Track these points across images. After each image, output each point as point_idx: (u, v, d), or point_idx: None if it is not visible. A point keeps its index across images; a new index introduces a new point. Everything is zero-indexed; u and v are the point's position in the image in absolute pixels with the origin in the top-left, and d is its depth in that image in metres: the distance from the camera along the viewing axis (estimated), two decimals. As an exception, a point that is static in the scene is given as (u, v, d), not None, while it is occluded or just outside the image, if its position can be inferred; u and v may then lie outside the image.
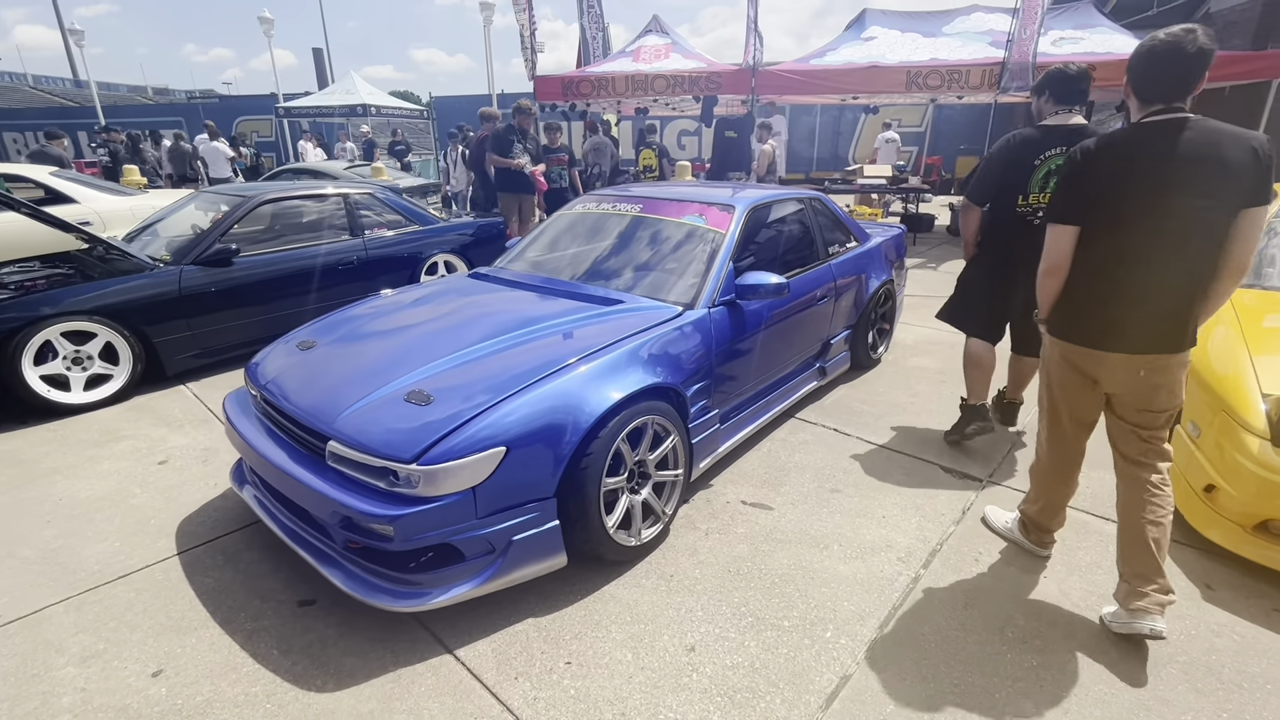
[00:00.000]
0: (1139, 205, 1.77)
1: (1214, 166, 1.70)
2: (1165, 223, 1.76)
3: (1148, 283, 1.82)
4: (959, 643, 1.96)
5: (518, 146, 6.36)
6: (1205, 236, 1.76)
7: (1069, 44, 7.96)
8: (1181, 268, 1.79)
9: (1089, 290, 1.91)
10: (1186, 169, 1.71)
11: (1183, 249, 1.77)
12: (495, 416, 1.94)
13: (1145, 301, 1.84)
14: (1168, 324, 1.84)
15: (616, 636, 2.00)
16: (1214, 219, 1.75)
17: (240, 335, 4.28)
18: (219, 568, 2.33)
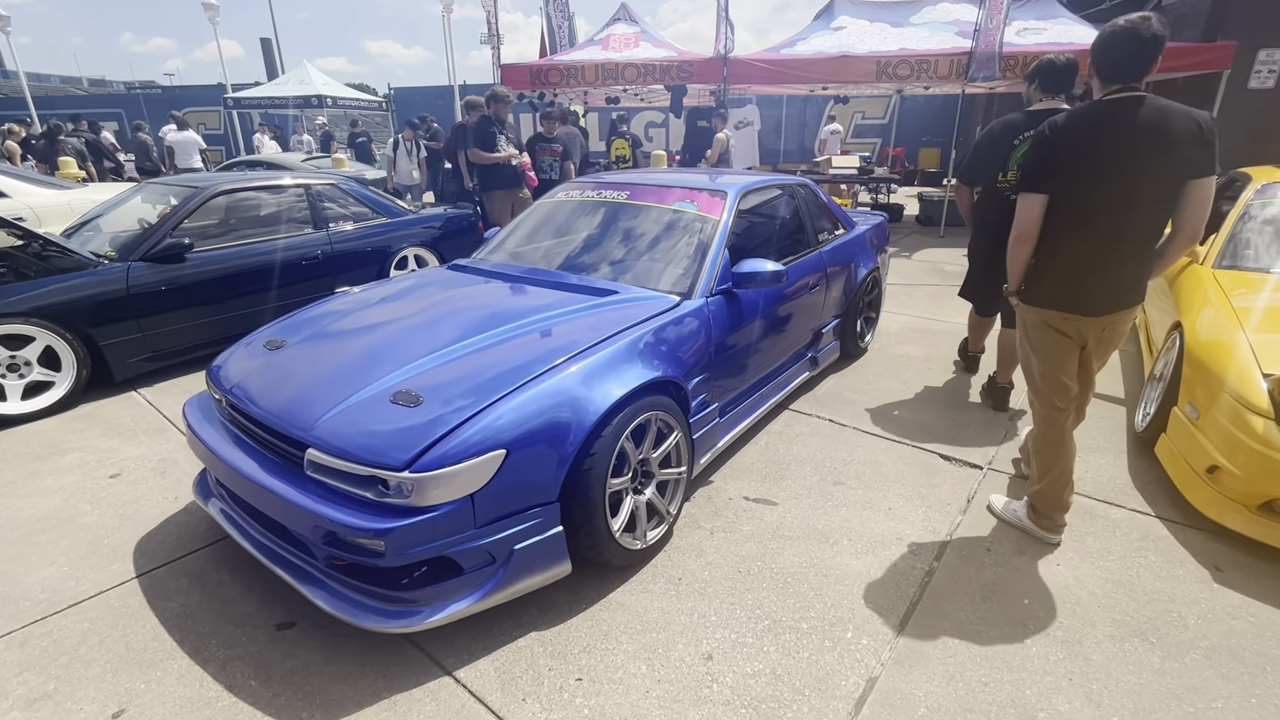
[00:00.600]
0: (1100, 174, 1.94)
1: (1162, 139, 1.87)
2: (1122, 190, 1.94)
3: (1108, 248, 2.00)
4: (982, 638, 1.90)
5: (501, 138, 5.73)
6: (1156, 204, 1.95)
7: (1032, 34, 8.08)
8: (1137, 233, 1.99)
9: (1057, 257, 2.08)
10: (1140, 141, 1.89)
11: (1138, 215, 1.96)
12: (492, 417, 1.79)
13: (1107, 265, 2.02)
14: (1126, 285, 2.05)
15: (628, 648, 1.87)
16: (1163, 188, 1.93)
17: (196, 336, 3.99)
18: (184, 591, 2.12)
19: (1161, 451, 2.70)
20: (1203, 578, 2.14)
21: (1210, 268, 3.16)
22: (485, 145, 5.67)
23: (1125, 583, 2.12)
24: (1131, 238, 1.99)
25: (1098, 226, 1.99)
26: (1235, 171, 4.02)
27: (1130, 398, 3.51)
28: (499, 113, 5.77)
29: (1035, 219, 2.05)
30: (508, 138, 5.78)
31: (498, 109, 5.76)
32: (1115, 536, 2.36)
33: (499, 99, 5.78)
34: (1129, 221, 1.97)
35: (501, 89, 5.87)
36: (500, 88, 5.92)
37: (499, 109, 5.76)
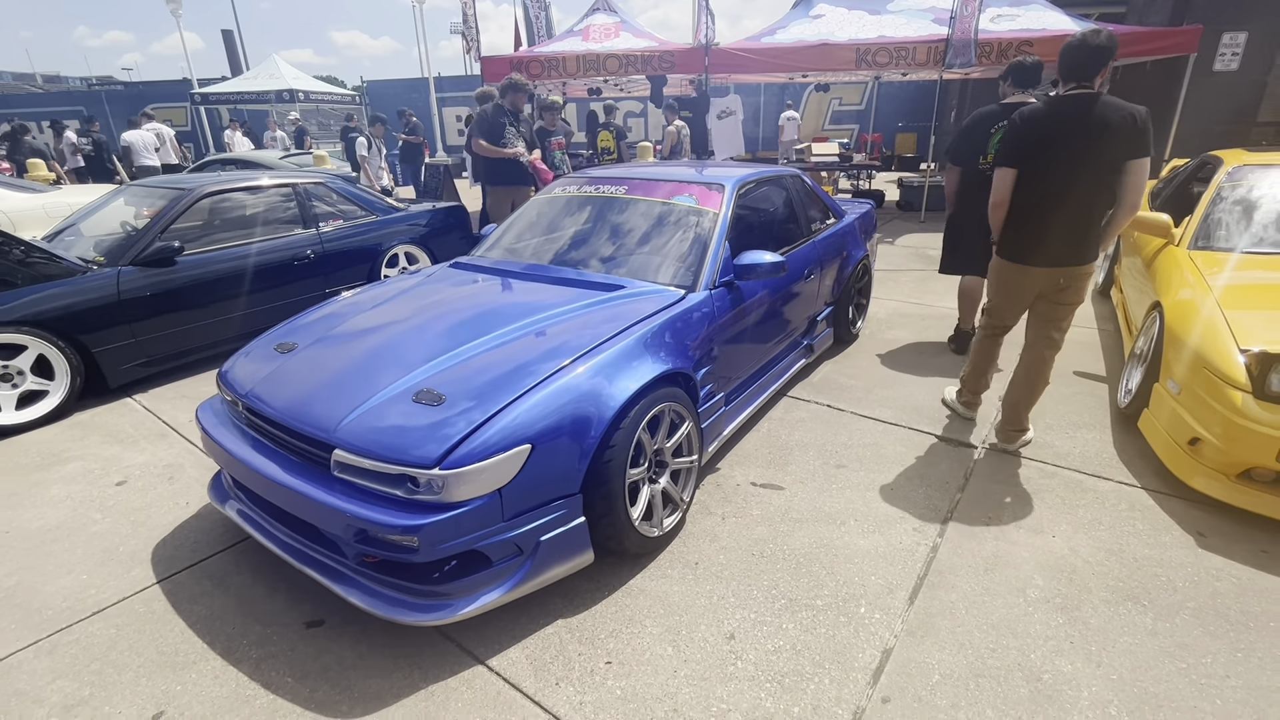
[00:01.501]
0: (1056, 154, 2.46)
1: (1105, 127, 2.35)
2: (1073, 168, 2.44)
3: (1061, 214, 2.51)
4: (987, 607, 2.00)
5: (511, 131, 5.28)
6: (1098, 179, 2.43)
7: (1006, 21, 8.22)
8: (1084, 202, 2.48)
9: (1023, 221, 2.61)
10: (1089, 129, 2.38)
11: (1084, 188, 2.45)
12: (516, 413, 1.83)
13: (1060, 229, 2.53)
14: (1076, 245, 2.54)
15: (653, 630, 1.94)
16: (1104, 166, 2.40)
17: (189, 340, 3.95)
18: (208, 594, 2.15)
19: (1144, 426, 2.84)
20: (1187, 543, 2.28)
21: (1186, 249, 3.30)
22: (492, 137, 5.28)
23: (1116, 550, 2.24)
24: (1080, 207, 2.48)
25: (1052, 197, 2.50)
26: (1207, 155, 4.17)
27: (1112, 376, 3.65)
28: (515, 103, 5.31)
29: (1007, 189, 2.61)
30: (519, 131, 5.36)
31: (514, 99, 5.29)
32: (1104, 508, 2.49)
33: (516, 88, 5.27)
34: (1078, 194, 2.46)
35: (518, 76, 5.36)
36: (517, 75, 5.42)
37: (515, 99, 5.29)
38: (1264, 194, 3.42)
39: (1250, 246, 3.20)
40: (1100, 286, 5.18)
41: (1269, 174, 3.50)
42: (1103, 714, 1.64)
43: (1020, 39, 7.75)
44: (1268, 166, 3.56)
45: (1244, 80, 8.11)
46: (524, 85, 5.33)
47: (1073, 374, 3.70)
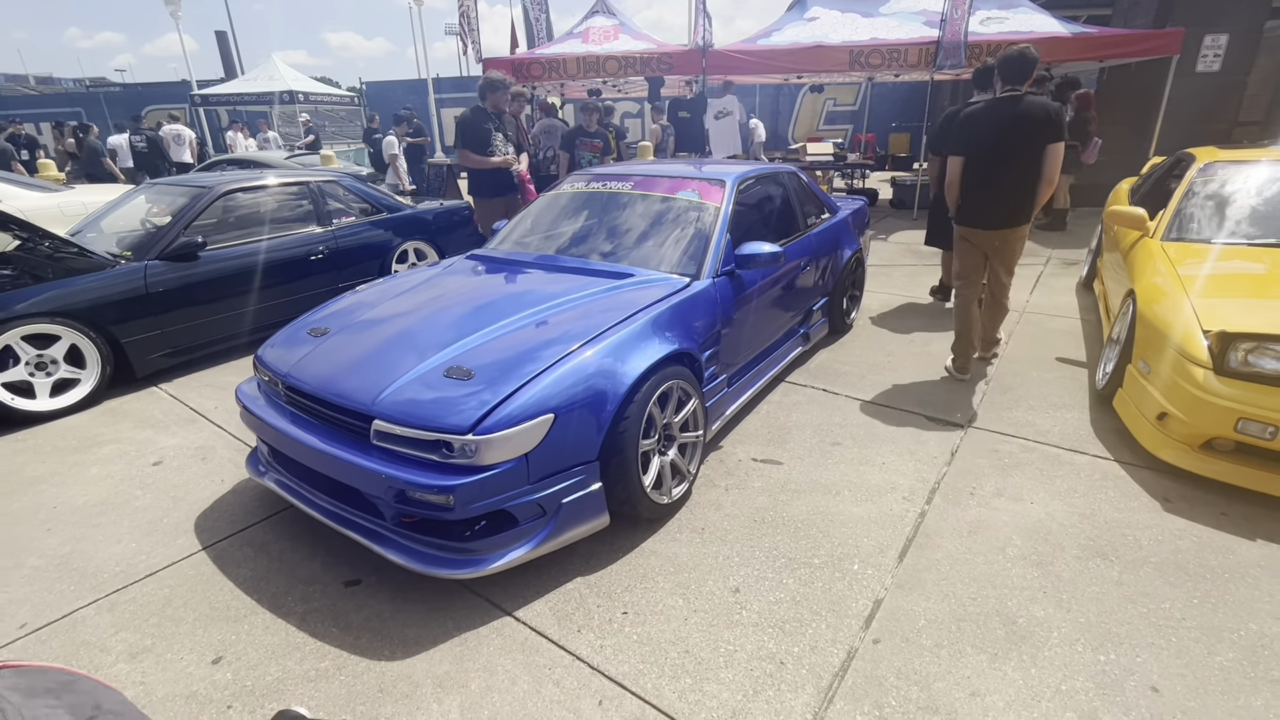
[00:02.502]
0: (992, 142, 3.26)
1: (1028, 119, 3.16)
2: (1004, 152, 3.23)
3: (997, 188, 3.30)
4: (969, 564, 2.19)
5: (498, 137, 4.81)
6: (1025, 159, 3.20)
7: (995, 23, 8.44)
8: (1014, 179, 3.25)
9: (969, 195, 3.42)
10: (1015, 121, 3.18)
11: (1014, 167, 3.23)
12: (540, 386, 2.02)
13: (995, 200, 3.32)
14: (1007, 212, 3.32)
15: (664, 586, 2.13)
16: (1030, 150, 3.18)
17: (211, 332, 4.12)
18: (251, 559, 2.32)
19: (1118, 404, 3.04)
20: (1154, 508, 2.47)
21: (1159, 240, 3.50)
22: (478, 146, 4.75)
23: (1088, 514, 2.44)
24: (1011, 182, 3.27)
25: (990, 175, 3.31)
26: (1181, 152, 4.38)
27: (1092, 361, 3.86)
28: (496, 104, 4.80)
29: (958, 172, 3.44)
30: (506, 136, 4.91)
31: (494, 100, 4.77)
32: (1079, 478, 2.68)
33: (494, 86, 4.73)
34: (1009, 172, 3.26)
35: (496, 74, 4.87)
36: (494, 73, 4.91)
37: (496, 100, 4.77)
38: (1233, 189, 3.63)
39: (1218, 237, 3.40)
40: (1084, 279, 5.39)
41: (1238, 170, 3.71)
42: (1070, 650, 1.83)
43: (1009, 40, 7.94)
44: (1237, 163, 3.77)
45: (1225, 80, 8.35)
46: (504, 83, 4.81)
47: (1055, 360, 3.90)
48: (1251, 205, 3.52)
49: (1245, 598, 2.01)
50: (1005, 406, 3.33)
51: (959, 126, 3.41)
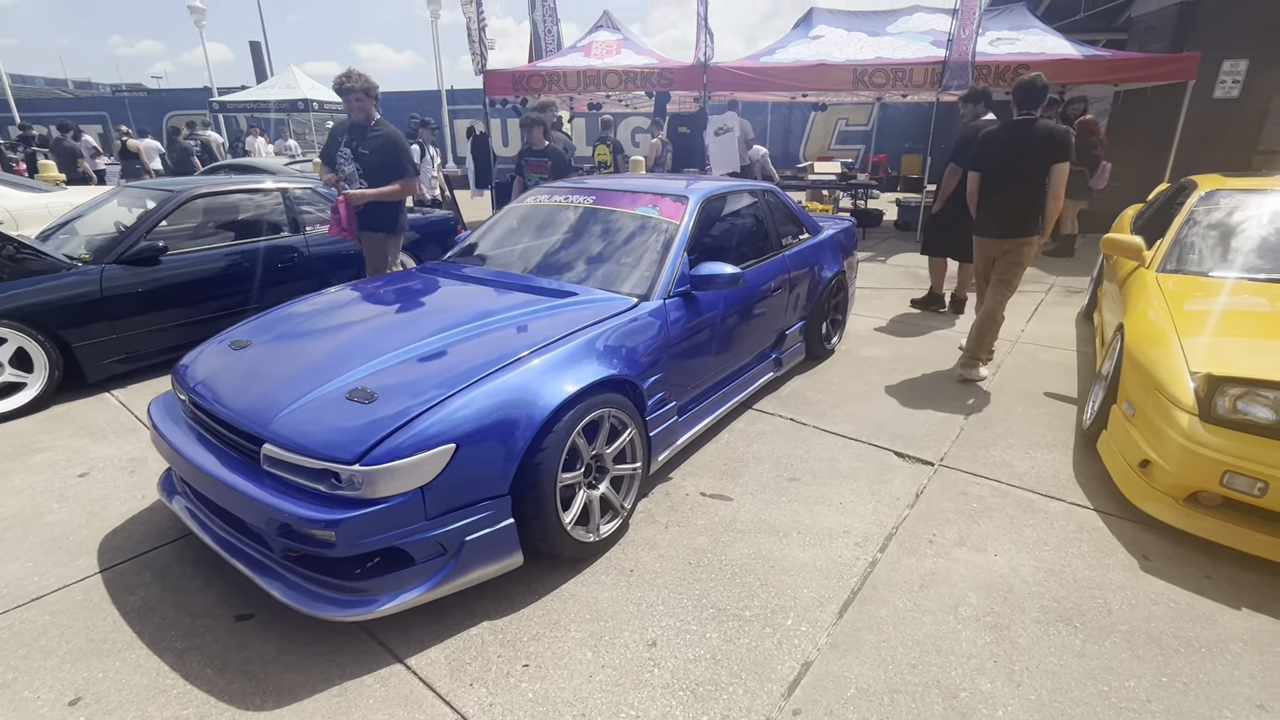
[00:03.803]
0: (1004, 160, 3.64)
1: (1039, 141, 3.50)
2: (1015, 169, 3.59)
3: (1007, 201, 3.66)
4: (915, 624, 1.98)
5: (344, 154, 3.84)
6: (1035, 177, 3.55)
7: (1005, 44, 8.26)
8: (1023, 193, 3.60)
9: (983, 206, 3.82)
10: (1029, 142, 3.53)
11: (1024, 183, 3.59)
12: (444, 413, 1.86)
13: (1006, 211, 3.67)
14: (1015, 224, 3.65)
15: (576, 635, 1.94)
16: (1038, 168, 3.52)
17: (170, 338, 4.02)
18: (146, 585, 2.17)
19: (1102, 447, 2.81)
20: (1131, 566, 2.24)
21: (1155, 271, 3.28)
22: (327, 159, 4.00)
23: (1057, 571, 2.22)
24: (1021, 196, 3.60)
25: (1002, 190, 3.68)
26: (1184, 180, 4.16)
27: (1082, 397, 3.62)
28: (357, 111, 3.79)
29: (976, 185, 3.86)
30: (358, 151, 3.83)
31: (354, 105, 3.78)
32: (1053, 528, 2.46)
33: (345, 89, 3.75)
34: (1019, 187, 3.60)
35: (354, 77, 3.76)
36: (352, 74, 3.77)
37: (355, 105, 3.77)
38: (1236, 218, 3.40)
39: (1218, 271, 3.18)
40: (1085, 309, 5.14)
41: (1243, 199, 3.49)
42: (1013, 734, 1.61)
43: (1019, 62, 7.77)
44: (1242, 191, 3.54)
45: (1245, 107, 8.06)
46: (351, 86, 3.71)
47: (1044, 395, 3.67)
48: (1256, 237, 3.29)
49: (1222, 678, 1.78)
50: (983, 444, 3.11)
51: (977, 145, 3.83)
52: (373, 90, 3.86)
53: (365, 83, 3.80)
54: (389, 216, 3.98)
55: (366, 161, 3.88)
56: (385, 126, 3.91)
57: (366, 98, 3.82)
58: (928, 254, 5.31)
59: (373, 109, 3.89)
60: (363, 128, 3.88)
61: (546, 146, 5.44)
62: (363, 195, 3.81)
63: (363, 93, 3.80)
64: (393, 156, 3.88)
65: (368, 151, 3.86)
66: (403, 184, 3.92)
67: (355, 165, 3.91)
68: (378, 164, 3.87)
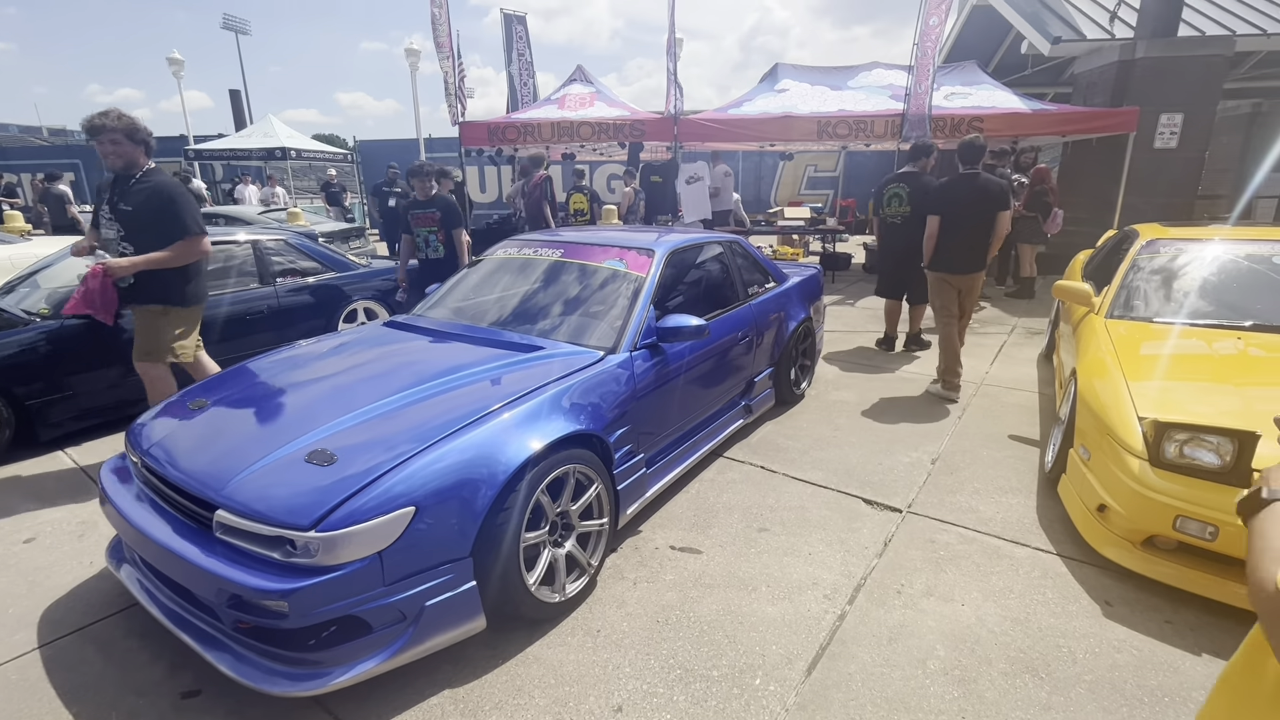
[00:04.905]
0: (958, 207, 4.26)
1: (984, 193, 4.20)
2: (966, 216, 4.23)
3: (961, 243, 4.27)
4: (884, 680, 1.97)
5: (104, 211, 3.13)
6: (982, 222, 4.21)
7: (959, 98, 8.71)
8: (974, 237, 4.25)
9: (941, 246, 4.35)
10: (973, 194, 4.22)
11: (975, 227, 4.23)
12: (402, 475, 1.84)
13: (961, 250, 4.28)
14: (970, 260, 4.31)
15: (540, 702, 1.89)
16: (985, 215, 4.19)
17: (130, 394, 3.91)
18: (88, 660, 2.07)
19: (1062, 491, 2.87)
20: (1093, 612, 2.26)
21: (1103, 317, 3.41)
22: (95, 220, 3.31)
23: (1022, 620, 2.23)
24: (972, 238, 4.24)
25: (957, 232, 4.27)
26: (1126, 229, 4.38)
27: (1045, 440, 3.70)
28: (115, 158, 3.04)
29: (935, 228, 4.36)
30: (116, 209, 3.07)
31: (108, 150, 3.02)
32: (1018, 575, 2.48)
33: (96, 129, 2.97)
34: (970, 230, 4.24)
35: (101, 114, 2.97)
36: (98, 114, 2.97)
37: (108, 150, 3.02)
38: (1176, 266, 3.58)
39: (1160, 316, 3.32)
40: (1045, 350, 5.30)
41: (1181, 247, 3.67)
42: (982, 795, 1.59)
43: (972, 115, 8.19)
44: (1181, 240, 3.73)
45: (1183, 156, 8.55)
46: (104, 125, 2.95)
47: (1008, 438, 3.75)
48: (1196, 283, 3.45)
49: (1186, 728, 1.79)
50: (949, 489, 3.15)
51: (936, 194, 4.49)
52: (137, 133, 3.05)
53: (125, 123, 3.01)
54: (167, 284, 3.16)
55: (129, 220, 3.06)
56: (155, 176, 3.12)
57: (127, 141, 3.02)
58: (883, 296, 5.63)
59: (139, 155, 3.07)
60: (125, 179, 3.08)
61: (433, 196, 4.81)
62: (124, 265, 3.01)
63: (122, 134, 2.99)
64: (167, 212, 3.06)
65: (130, 208, 3.05)
66: (182, 245, 3.09)
67: (117, 226, 3.08)
68: (146, 223, 3.05)
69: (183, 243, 3.12)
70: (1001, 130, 8.20)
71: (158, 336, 3.24)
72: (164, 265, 3.10)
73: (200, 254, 3.24)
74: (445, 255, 4.81)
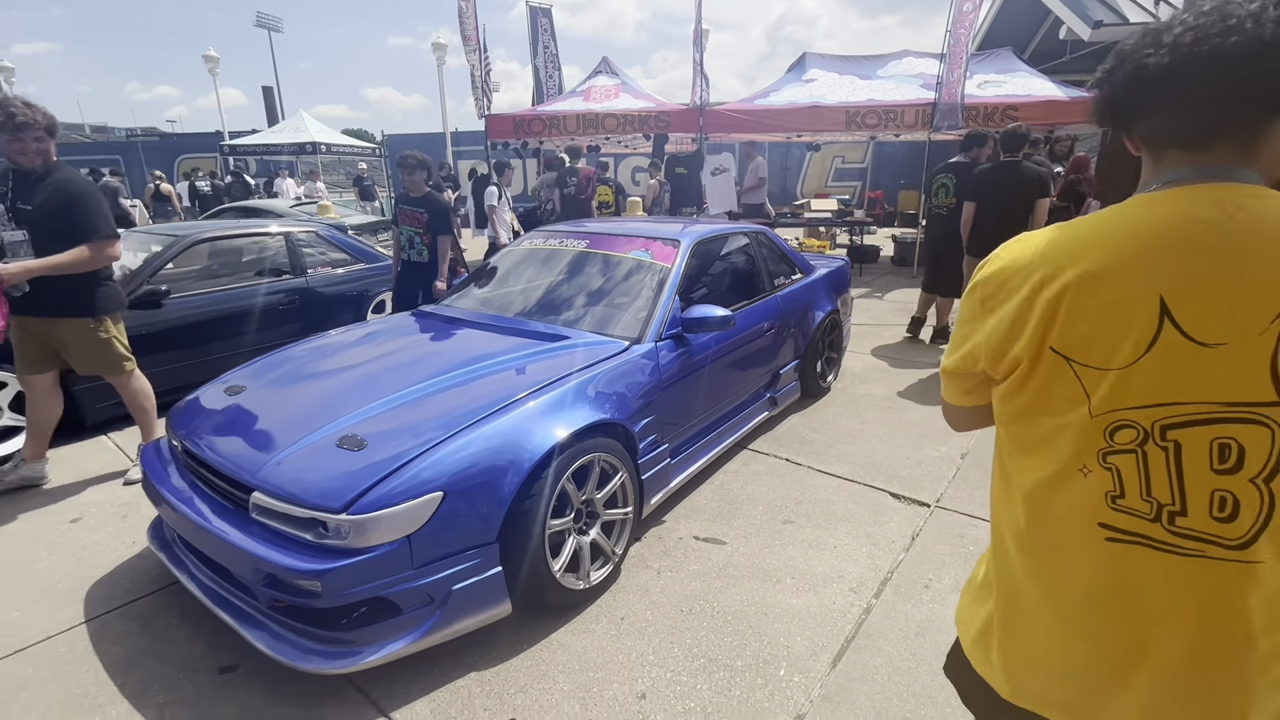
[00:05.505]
0: (994, 194, 4.43)
1: (1024, 179, 4.36)
2: (1004, 202, 4.34)
3: (998, 229, 4.03)
4: (911, 674, 1.94)
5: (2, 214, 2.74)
6: (1020, 208, 4.33)
7: (992, 87, 8.49)
8: (1012, 221, 4.14)
9: (982, 233, 4.45)
10: (1016, 180, 4.37)
11: (1013, 213, 4.30)
12: (430, 460, 1.87)
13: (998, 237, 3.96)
14: None
15: (564, 687, 1.91)
16: (1023, 201, 4.32)
17: (171, 380, 4.03)
18: (131, 635, 2.15)
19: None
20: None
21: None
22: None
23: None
24: (1010, 224, 3.98)
25: (996, 218, 4.33)
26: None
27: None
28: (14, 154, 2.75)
29: (971, 215, 4.57)
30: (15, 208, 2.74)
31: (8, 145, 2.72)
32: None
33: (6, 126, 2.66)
34: (1008, 217, 4.26)
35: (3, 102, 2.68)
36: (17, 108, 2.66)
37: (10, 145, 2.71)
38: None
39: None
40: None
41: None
42: (1011, 793, 1.56)
43: (1006, 103, 7.98)
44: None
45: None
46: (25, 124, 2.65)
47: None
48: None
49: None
50: (980, 484, 3.09)
51: (974, 181, 4.60)
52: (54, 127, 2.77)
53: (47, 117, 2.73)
54: (74, 294, 2.86)
55: (32, 221, 2.72)
56: (62, 172, 2.81)
57: (49, 137, 2.75)
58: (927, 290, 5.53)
59: (52, 149, 2.78)
60: (27, 176, 2.75)
61: (425, 194, 4.41)
62: (15, 270, 2.63)
63: (44, 130, 2.72)
64: (74, 211, 2.75)
65: (31, 208, 2.72)
66: (91, 248, 2.77)
67: (19, 229, 2.72)
68: (55, 226, 2.73)
69: (90, 245, 2.77)
70: (1037, 119, 7.96)
71: (106, 349, 3.05)
72: (66, 271, 2.74)
73: (110, 259, 2.88)
74: (429, 260, 4.41)
